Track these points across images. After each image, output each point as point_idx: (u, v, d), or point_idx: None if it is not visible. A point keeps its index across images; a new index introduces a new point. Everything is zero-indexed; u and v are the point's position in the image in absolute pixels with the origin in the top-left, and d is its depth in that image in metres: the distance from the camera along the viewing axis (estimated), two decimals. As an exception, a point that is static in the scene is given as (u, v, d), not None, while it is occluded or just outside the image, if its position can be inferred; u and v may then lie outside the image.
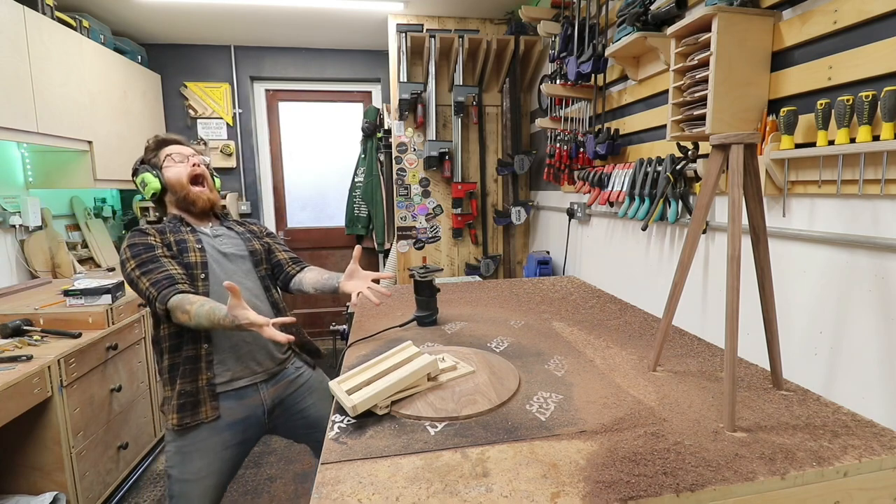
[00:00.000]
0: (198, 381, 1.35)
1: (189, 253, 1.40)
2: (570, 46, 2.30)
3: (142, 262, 1.31)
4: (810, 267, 1.23)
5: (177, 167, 1.47)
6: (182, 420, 1.32)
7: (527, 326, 1.59)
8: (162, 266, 1.31)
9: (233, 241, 1.53)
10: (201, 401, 1.34)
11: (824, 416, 0.96)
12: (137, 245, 1.33)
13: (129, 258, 1.32)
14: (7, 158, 2.63)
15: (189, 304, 1.22)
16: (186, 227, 1.46)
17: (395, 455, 0.85)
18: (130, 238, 1.36)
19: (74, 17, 2.73)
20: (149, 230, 1.39)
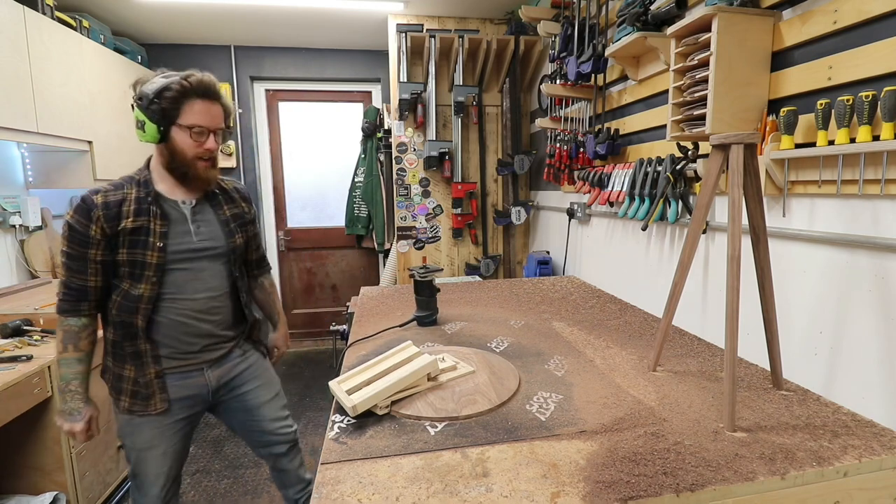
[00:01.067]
0: (146, 374, 1.29)
1: (145, 249, 1.22)
2: (570, 46, 2.30)
3: (69, 252, 1.20)
4: (810, 267, 1.23)
5: (188, 140, 1.24)
6: (132, 407, 1.30)
7: (527, 326, 1.59)
8: (83, 272, 1.21)
9: (211, 230, 1.34)
10: (152, 393, 1.30)
11: (824, 416, 0.96)
12: (76, 232, 1.19)
13: (65, 238, 1.21)
14: (7, 158, 2.63)
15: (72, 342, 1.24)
16: (156, 206, 1.25)
17: (395, 455, 0.85)
18: (76, 213, 1.19)
19: (74, 17, 2.73)
20: (96, 211, 1.18)
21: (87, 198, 1.20)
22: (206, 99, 1.23)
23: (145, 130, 1.22)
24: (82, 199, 1.20)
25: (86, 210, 1.18)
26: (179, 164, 1.26)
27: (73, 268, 1.21)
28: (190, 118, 1.21)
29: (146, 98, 1.18)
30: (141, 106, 1.20)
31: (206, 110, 1.23)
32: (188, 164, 1.26)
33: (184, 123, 1.21)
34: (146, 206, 1.24)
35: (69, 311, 1.24)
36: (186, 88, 1.20)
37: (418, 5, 3.01)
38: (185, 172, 1.27)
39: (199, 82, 1.22)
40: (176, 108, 1.20)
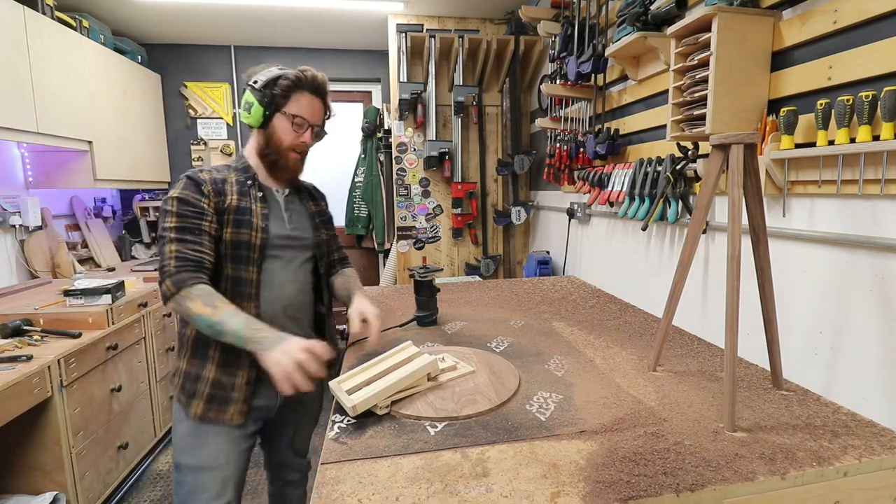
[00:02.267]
0: (237, 376, 1.17)
1: (249, 229, 1.19)
2: (570, 46, 2.30)
3: (183, 226, 1.12)
4: (810, 267, 1.23)
5: (289, 129, 1.23)
6: (206, 413, 1.17)
7: (527, 326, 1.59)
8: (200, 243, 1.12)
9: (301, 221, 1.32)
10: (234, 400, 1.18)
11: (824, 416, 0.96)
12: (188, 204, 1.13)
13: (173, 213, 1.13)
14: (7, 158, 2.63)
15: (221, 301, 1.08)
16: (255, 189, 1.24)
17: (395, 455, 0.85)
18: (185, 188, 1.15)
19: (74, 17, 2.73)
20: (206, 186, 1.16)
21: (194, 175, 1.17)
22: (314, 94, 1.25)
23: (251, 112, 1.21)
24: (188, 178, 1.17)
25: (195, 185, 1.15)
26: (273, 151, 1.24)
27: (188, 240, 1.11)
28: (295, 108, 1.22)
29: (260, 82, 1.21)
30: (253, 89, 1.22)
31: (311, 105, 1.25)
32: (282, 152, 1.24)
33: (288, 112, 1.22)
34: (247, 188, 1.23)
35: (191, 279, 1.09)
36: (300, 80, 1.23)
37: (418, 5, 3.01)
38: (277, 161, 1.25)
39: (312, 77, 1.25)
40: (286, 96, 1.21)
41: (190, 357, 1.20)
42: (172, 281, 1.08)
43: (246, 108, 1.23)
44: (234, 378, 1.18)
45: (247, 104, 1.23)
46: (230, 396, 1.18)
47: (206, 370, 1.18)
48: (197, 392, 1.18)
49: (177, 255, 1.10)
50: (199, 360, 1.19)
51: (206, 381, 1.18)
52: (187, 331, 1.21)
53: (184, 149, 3.82)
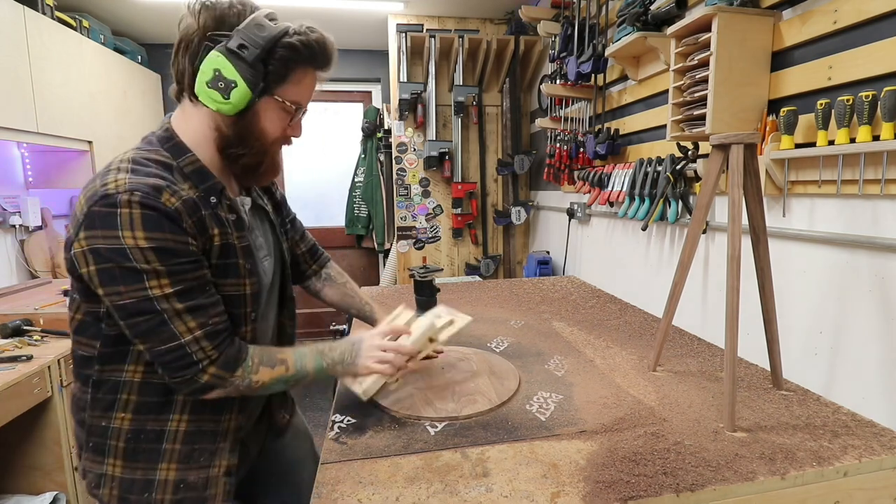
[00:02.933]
0: (211, 469, 0.86)
1: (237, 277, 0.83)
2: (570, 46, 2.30)
3: (185, 287, 0.75)
4: (810, 267, 1.23)
5: (280, 120, 0.84)
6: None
7: (527, 326, 1.59)
8: (216, 302, 0.79)
9: (265, 238, 0.97)
10: (211, 498, 0.86)
11: (824, 416, 0.96)
12: (176, 252, 0.73)
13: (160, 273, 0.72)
14: (7, 158, 2.63)
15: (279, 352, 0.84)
16: (227, 209, 0.84)
17: (395, 455, 0.85)
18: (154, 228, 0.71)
19: (74, 17, 2.72)
20: (184, 220, 0.74)
21: (152, 203, 0.71)
22: (320, 70, 0.85)
23: (229, 97, 0.75)
24: (144, 206, 0.70)
25: (168, 220, 0.72)
26: (252, 150, 0.83)
27: (203, 305, 0.77)
28: (294, 91, 0.82)
29: (252, 49, 0.75)
30: (236, 57, 0.74)
31: (313, 86, 0.86)
32: (266, 150, 0.85)
33: (285, 97, 0.81)
34: (216, 210, 0.81)
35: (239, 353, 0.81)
36: (313, 51, 0.81)
37: (418, 5, 3.01)
38: (257, 164, 0.85)
39: (324, 46, 0.83)
40: (284, 73, 0.79)
41: (126, 460, 0.82)
42: (221, 367, 0.78)
43: (219, 86, 0.74)
44: (206, 471, 0.85)
45: (222, 81, 0.74)
46: (205, 496, 0.85)
47: (159, 472, 0.83)
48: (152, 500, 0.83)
49: (207, 334, 0.76)
50: (143, 461, 0.83)
51: (162, 486, 0.83)
52: (112, 422, 0.82)
53: (184, 149, 3.81)
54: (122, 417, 0.82)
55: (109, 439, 0.82)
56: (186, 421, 0.84)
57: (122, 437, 0.82)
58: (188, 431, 0.84)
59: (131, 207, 0.70)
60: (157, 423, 0.83)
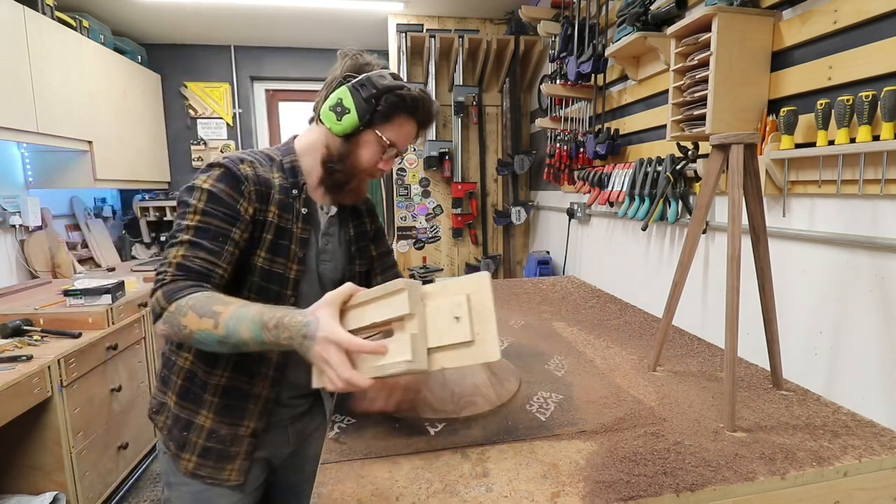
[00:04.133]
0: (240, 427, 0.97)
1: (286, 259, 0.95)
2: (570, 46, 2.30)
3: (205, 226, 0.86)
4: (810, 267, 1.23)
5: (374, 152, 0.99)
6: (198, 469, 0.96)
7: (527, 326, 1.59)
8: (218, 253, 0.87)
9: (334, 252, 1.06)
10: (233, 456, 0.97)
11: (824, 416, 0.96)
12: (219, 202, 0.87)
13: (196, 210, 0.86)
14: (7, 158, 2.63)
15: (221, 303, 0.79)
16: (300, 204, 0.98)
17: (395, 455, 0.85)
18: (220, 180, 0.88)
19: (74, 17, 2.73)
20: (247, 185, 0.90)
21: (232, 165, 0.89)
22: (419, 124, 1.02)
23: (341, 120, 0.95)
24: (225, 167, 0.89)
25: (234, 180, 0.89)
26: (345, 169, 0.99)
27: (204, 246, 0.85)
28: (393, 133, 0.98)
29: (370, 88, 0.94)
30: (356, 91, 0.94)
31: (411, 134, 1.02)
32: (356, 174, 1.00)
33: (384, 134, 0.97)
34: (291, 200, 0.97)
35: (188, 289, 0.81)
36: (416, 106, 0.98)
37: (418, 5, 3.01)
38: (346, 182, 1.00)
39: (429, 107, 1.01)
40: (389, 116, 0.96)
41: (179, 397, 0.97)
42: (163, 293, 0.81)
43: (337, 110, 0.95)
44: (235, 429, 0.97)
45: (340, 107, 0.95)
46: (229, 452, 0.97)
47: (199, 417, 0.96)
48: (188, 443, 0.96)
49: (179, 263, 0.84)
50: (190, 402, 0.97)
51: (199, 429, 0.96)
52: (178, 359, 0.97)
53: (184, 149, 3.82)
54: (185, 357, 0.97)
55: (172, 374, 0.98)
56: (227, 377, 0.96)
57: (182, 376, 0.97)
58: (226, 387, 0.96)
59: (217, 167, 0.90)
60: (205, 373, 0.96)
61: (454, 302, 0.74)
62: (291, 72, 3.88)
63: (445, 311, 0.74)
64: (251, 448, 0.99)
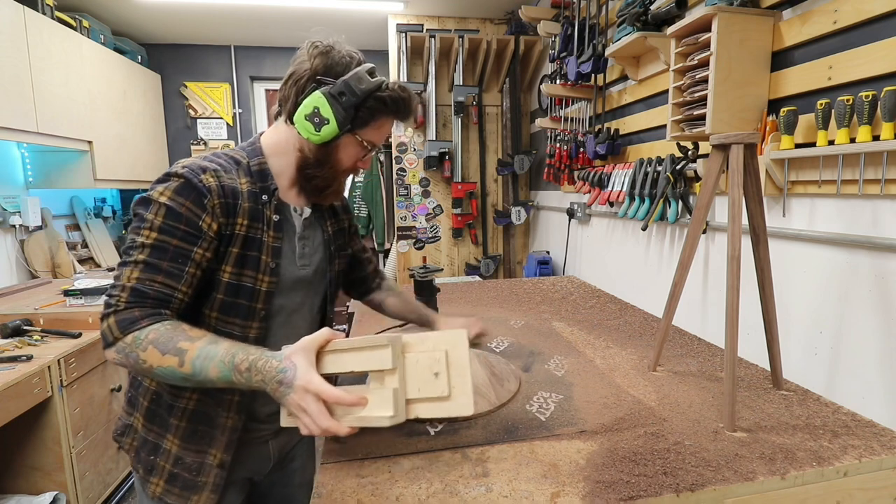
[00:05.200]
0: (206, 455, 0.90)
1: (256, 271, 0.88)
2: (570, 46, 2.30)
3: (161, 245, 0.79)
4: (810, 267, 1.23)
5: (354, 154, 0.94)
6: (165, 496, 0.91)
7: (527, 326, 1.59)
8: (177, 276, 0.80)
9: (313, 254, 1.01)
10: (200, 486, 0.90)
11: (824, 416, 0.96)
12: (177, 217, 0.80)
13: (151, 226, 0.79)
14: (7, 158, 2.63)
15: (187, 339, 0.76)
16: (270, 211, 0.91)
17: (395, 455, 0.85)
18: (179, 193, 0.81)
19: (74, 17, 2.73)
20: (210, 199, 0.82)
21: (193, 176, 0.81)
22: (398, 119, 0.96)
23: (320, 130, 0.87)
24: (184, 178, 0.81)
25: (195, 193, 0.81)
26: (325, 175, 0.93)
27: (161, 268, 0.79)
28: (373, 134, 0.94)
29: (350, 97, 0.86)
30: (335, 101, 0.86)
31: (389, 130, 0.98)
32: (336, 176, 0.96)
33: (364, 137, 0.92)
34: (261, 207, 0.89)
35: (145, 319, 0.77)
36: (398, 105, 0.92)
37: (418, 5, 3.01)
38: (325, 186, 0.95)
39: (409, 102, 0.94)
40: (370, 119, 0.90)
41: (146, 419, 0.91)
42: (117, 321, 0.76)
43: (315, 120, 0.87)
44: (202, 457, 0.90)
45: (317, 117, 0.87)
46: (196, 482, 0.90)
47: (165, 441, 0.90)
48: (156, 466, 0.90)
49: (134, 288, 0.77)
50: (156, 426, 0.90)
51: (166, 454, 0.90)
52: (144, 380, 0.91)
53: (184, 149, 3.82)
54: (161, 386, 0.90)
55: (139, 395, 0.92)
56: (195, 401, 0.89)
57: (147, 397, 0.91)
58: (193, 411, 0.90)
59: (178, 178, 0.82)
60: (170, 397, 0.90)
61: (433, 357, 0.77)
62: (291, 72, 3.88)
63: (424, 366, 0.77)
64: (219, 481, 0.91)
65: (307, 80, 0.89)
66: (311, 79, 0.88)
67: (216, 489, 0.91)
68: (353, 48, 0.93)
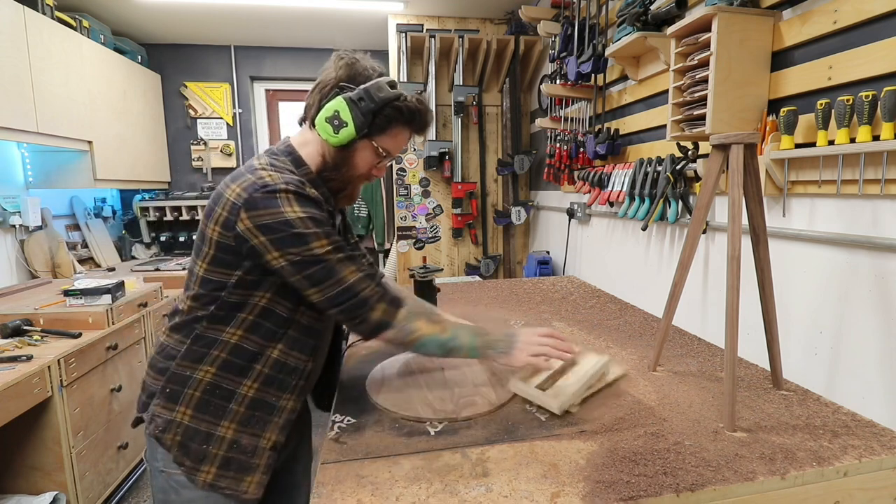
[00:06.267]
0: (261, 439, 0.96)
1: None
2: (570, 46, 2.30)
3: (338, 245, 0.91)
4: (810, 267, 1.23)
5: (370, 161, 1.01)
6: (219, 479, 0.94)
7: (527, 326, 1.59)
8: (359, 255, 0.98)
9: None
10: (253, 468, 0.95)
11: (824, 416, 0.96)
12: (323, 222, 0.90)
13: (319, 235, 0.88)
14: (7, 158, 2.63)
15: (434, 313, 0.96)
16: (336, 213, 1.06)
17: (395, 455, 0.85)
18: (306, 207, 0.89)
19: (74, 17, 2.73)
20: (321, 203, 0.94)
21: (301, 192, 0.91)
22: (414, 132, 1.04)
23: (338, 133, 0.95)
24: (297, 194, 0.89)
25: (313, 203, 0.92)
26: (342, 178, 1.01)
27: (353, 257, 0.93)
28: (389, 143, 1.01)
29: (368, 102, 0.94)
30: (355, 105, 0.94)
31: (405, 142, 1.05)
32: (352, 180, 1.03)
33: (380, 144, 0.99)
34: (331, 209, 1.02)
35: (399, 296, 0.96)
36: (414, 117, 0.99)
37: (418, 5, 3.01)
38: (342, 189, 1.04)
39: (425, 116, 1.01)
40: (386, 127, 0.98)
41: (196, 410, 0.95)
42: (388, 303, 0.92)
43: (334, 122, 0.94)
44: (256, 440, 0.96)
45: (337, 120, 0.94)
46: (250, 463, 0.95)
47: (220, 428, 0.94)
48: (208, 455, 0.94)
49: (367, 275, 0.91)
50: (210, 414, 0.95)
51: (219, 441, 0.94)
52: (196, 373, 0.94)
53: (184, 149, 3.82)
54: (206, 370, 0.94)
55: (187, 388, 0.94)
56: (256, 389, 0.95)
57: (200, 388, 0.94)
58: (254, 398, 0.95)
59: (287, 193, 0.88)
60: (232, 384, 0.95)
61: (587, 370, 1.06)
62: (291, 72, 3.88)
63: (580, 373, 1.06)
64: (271, 462, 0.97)
65: (331, 88, 0.96)
66: (335, 86, 0.96)
67: (267, 470, 0.97)
68: (376, 63, 1.03)
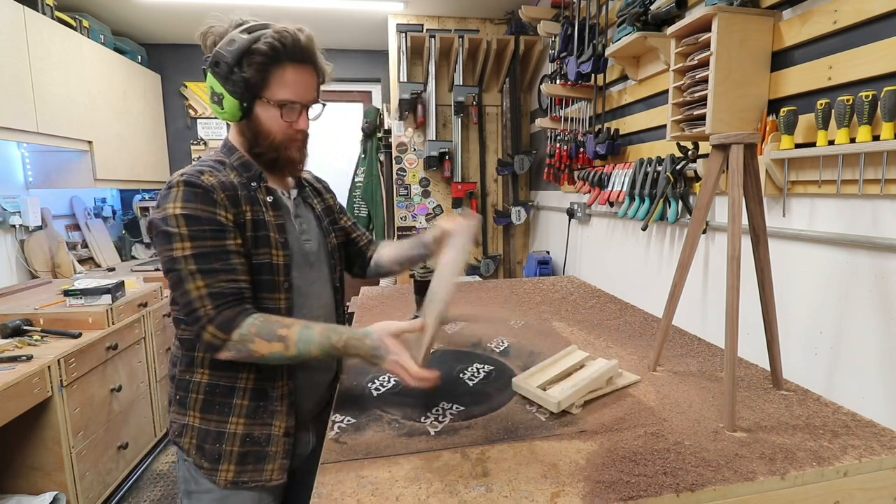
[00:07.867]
0: (272, 427, 0.97)
1: (269, 247, 0.94)
2: (570, 46, 2.30)
3: (204, 251, 0.86)
4: (810, 267, 1.23)
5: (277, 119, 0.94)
6: (240, 475, 0.94)
7: (527, 326, 1.59)
8: (231, 269, 0.88)
9: (311, 230, 1.07)
10: (271, 455, 0.96)
11: (824, 416, 0.96)
12: (199, 221, 0.86)
13: (181, 236, 0.85)
14: (7, 158, 2.63)
15: (282, 327, 0.88)
16: (264, 192, 0.98)
17: (395, 455, 0.85)
18: (188, 199, 0.86)
19: (74, 17, 2.73)
20: (214, 190, 0.88)
21: (195, 180, 0.87)
22: (299, 63, 0.93)
23: (223, 107, 0.91)
24: (187, 184, 0.86)
25: (203, 194, 0.87)
26: (266, 149, 0.96)
27: (215, 269, 0.86)
28: (280, 91, 0.92)
29: (224, 64, 0.87)
30: (217, 74, 0.89)
31: (299, 78, 0.93)
32: (276, 147, 0.96)
33: (272, 99, 0.91)
34: (254, 192, 0.95)
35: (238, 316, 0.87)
36: (278, 50, 0.89)
37: (418, 5, 3.01)
38: (275, 159, 0.98)
39: (294, 41, 0.91)
40: (263, 76, 0.89)
41: (203, 412, 0.95)
42: (217, 326, 0.85)
43: (215, 100, 0.92)
44: (268, 429, 0.97)
45: (214, 94, 0.91)
46: (267, 452, 0.97)
47: (229, 425, 0.95)
48: (223, 454, 0.94)
49: (210, 293, 0.86)
50: (216, 414, 0.95)
51: (231, 438, 0.95)
52: (194, 377, 0.96)
53: (184, 149, 3.82)
54: (201, 373, 0.95)
55: (191, 392, 0.96)
56: (253, 379, 0.96)
57: (201, 391, 0.95)
58: (254, 389, 0.96)
59: (179, 186, 0.87)
60: (228, 380, 0.95)
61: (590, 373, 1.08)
62: (291, 72, 3.88)
63: None
64: (288, 448, 0.99)
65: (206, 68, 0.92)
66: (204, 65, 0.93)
67: (286, 455, 0.98)
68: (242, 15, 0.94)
